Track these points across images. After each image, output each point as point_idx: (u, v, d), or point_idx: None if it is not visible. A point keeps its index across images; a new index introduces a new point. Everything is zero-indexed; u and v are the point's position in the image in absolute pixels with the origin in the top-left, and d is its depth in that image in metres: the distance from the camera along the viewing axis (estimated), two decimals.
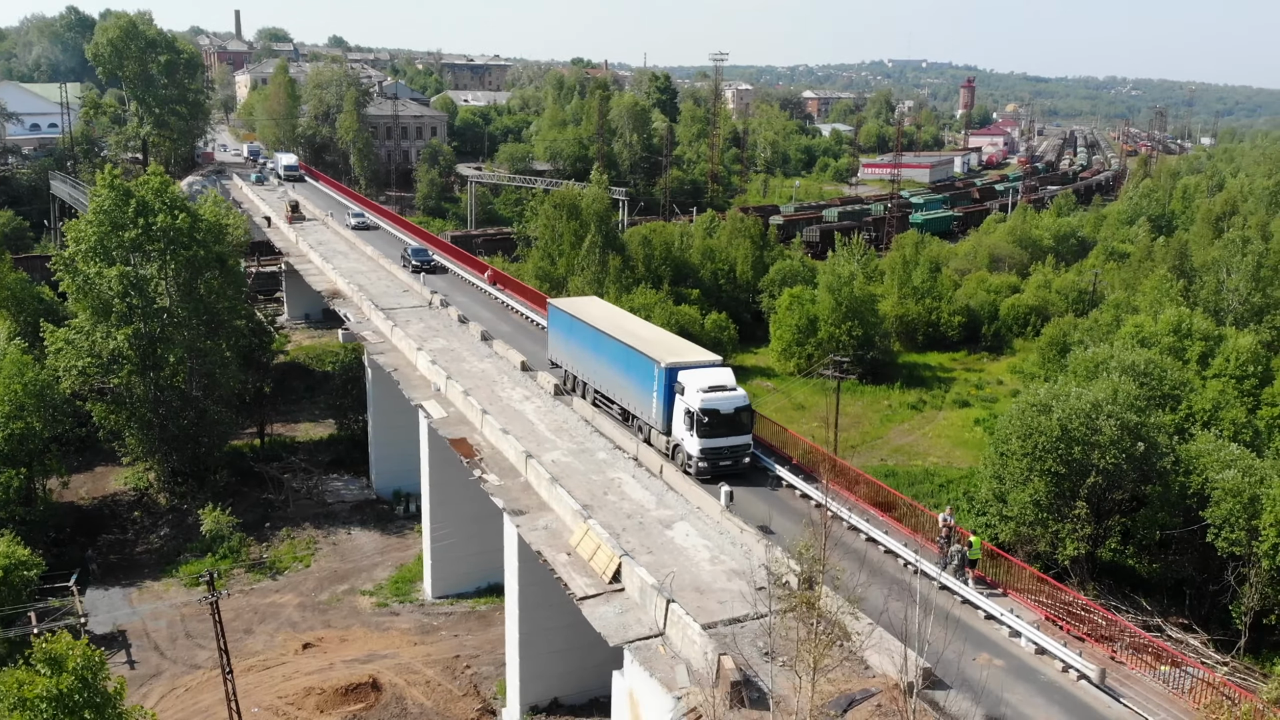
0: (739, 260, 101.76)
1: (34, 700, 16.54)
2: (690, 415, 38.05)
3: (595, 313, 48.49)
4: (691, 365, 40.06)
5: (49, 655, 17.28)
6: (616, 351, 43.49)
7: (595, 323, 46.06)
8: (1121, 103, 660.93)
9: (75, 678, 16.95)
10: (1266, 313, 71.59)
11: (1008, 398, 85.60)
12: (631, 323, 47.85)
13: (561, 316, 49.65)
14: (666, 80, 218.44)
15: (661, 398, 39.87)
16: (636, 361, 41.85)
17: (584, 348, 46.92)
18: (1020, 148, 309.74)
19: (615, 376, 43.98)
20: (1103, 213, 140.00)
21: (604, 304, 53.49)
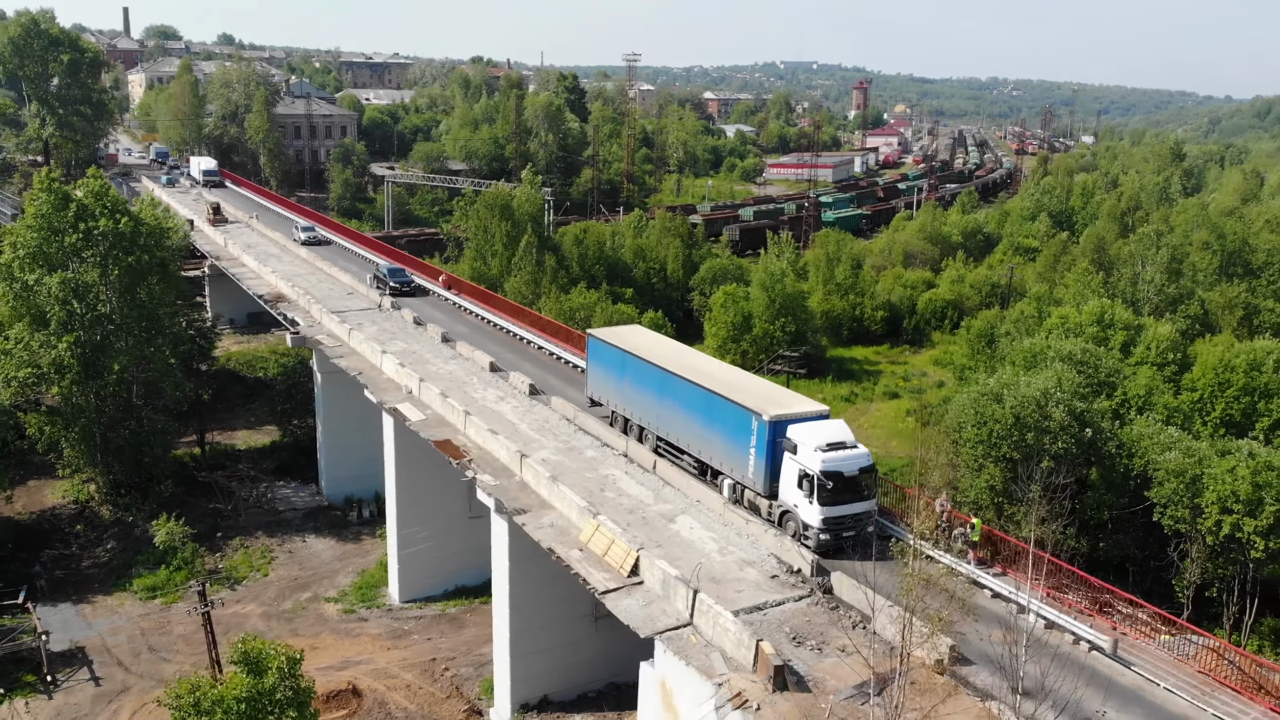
0: (670, 259, 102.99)
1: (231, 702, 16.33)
2: (808, 479, 32.52)
3: (651, 347, 42.87)
4: (800, 418, 34.50)
5: (246, 656, 17.01)
6: (693, 397, 37.71)
7: (659, 360, 40.23)
8: (1004, 103, 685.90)
9: (279, 676, 16.72)
10: (1180, 303, 75.80)
11: (934, 389, 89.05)
12: (701, 361, 41.87)
13: (607, 350, 43.69)
14: (574, 80, 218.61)
15: (763, 456, 34.17)
16: (725, 411, 35.99)
17: (642, 388, 40.99)
18: (914, 148, 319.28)
19: (691, 425, 38.12)
20: (1005, 209, 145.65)
21: (652, 334, 47.24)
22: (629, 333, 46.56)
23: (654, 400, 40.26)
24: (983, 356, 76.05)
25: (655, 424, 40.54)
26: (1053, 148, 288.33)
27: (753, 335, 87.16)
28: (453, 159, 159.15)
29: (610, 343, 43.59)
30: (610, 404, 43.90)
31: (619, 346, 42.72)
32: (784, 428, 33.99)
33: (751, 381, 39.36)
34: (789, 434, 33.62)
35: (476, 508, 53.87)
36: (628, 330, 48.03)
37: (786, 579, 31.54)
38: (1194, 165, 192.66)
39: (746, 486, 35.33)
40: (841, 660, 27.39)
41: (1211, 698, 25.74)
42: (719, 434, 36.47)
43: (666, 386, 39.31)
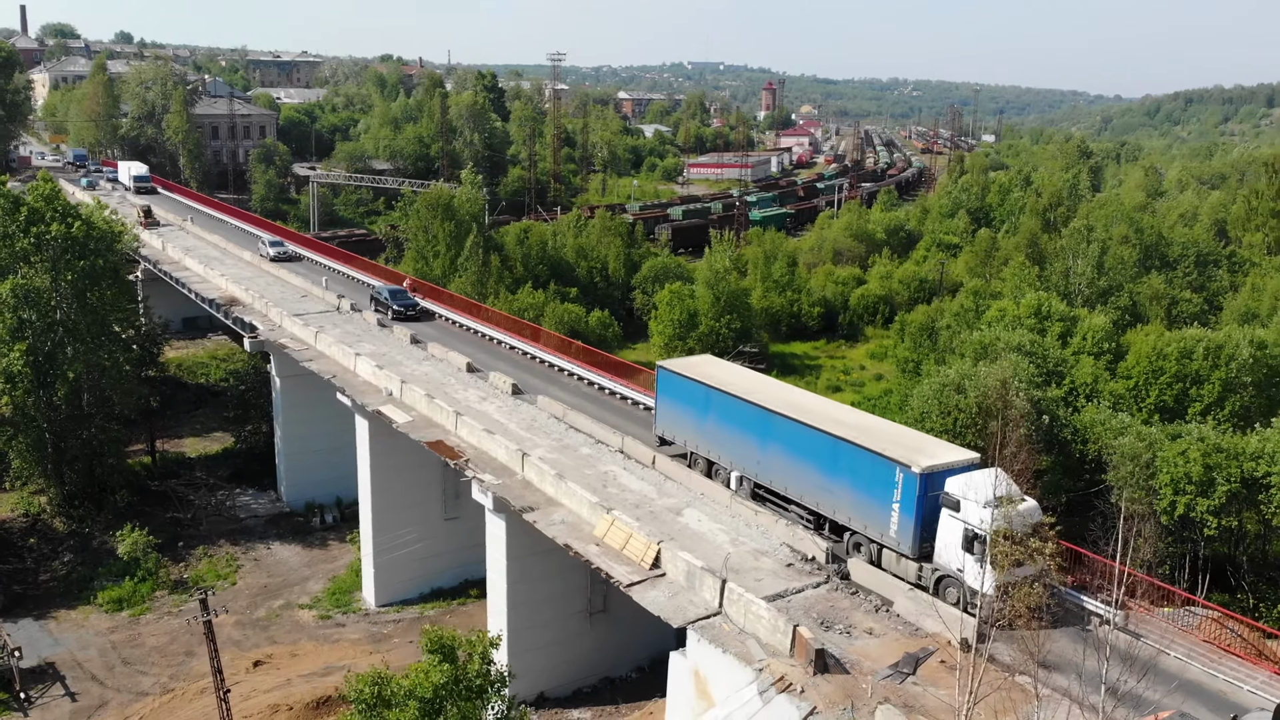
0: (611, 258, 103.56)
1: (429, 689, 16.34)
2: (980, 541, 28.70)
3: (740, 381, 38.87)
4: (954, 468, 30.71)
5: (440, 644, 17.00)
6: (809, 442, 33.68)
7: (758, 398, 36.26)
8: (905, 103, 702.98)
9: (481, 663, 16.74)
10: (1110, 295, 79.32)
11: (873, 381, 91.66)
12: (805, 398, 38.35)
13: (684, 385, 39.50)
14: (493, 79, 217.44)
15: (911, 512, 30.24)
16: (857, 460, 31.83)
17: (735, 429, 36.91)
18: (824, 147, 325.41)
19: (805, 474, 34.05)
20: (925, 207, 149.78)
21: (731, 365, 43.23)
22: (705, 364, 42.24)
23: (752, 443, 36.14)
24: (925, 349, 78.54)
25: (753, 469, 36.34)
26: (959, 147, 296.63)
27: (699, 333, 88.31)
28: (377, 159, 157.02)
29: (688, 376, 39.33)
30: (688, 444, 39.54)
31: (701, 381, 38.57)
32: (938, 480, 30.17)
33: (876, 423, 35.40)
34: (949, 488, 29.84)
35: (452, 509, 54.35)
36: (702, 361, 43.60)
37: (802, 567, 32.53)
38: (1095, 162, 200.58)
39: (886, 546, 30.82)
40: (872, 642, 28.48)
41: (1219, 664, 27.49)
42: (846, 486, 32.37)
43: (770, 428, 35.33)
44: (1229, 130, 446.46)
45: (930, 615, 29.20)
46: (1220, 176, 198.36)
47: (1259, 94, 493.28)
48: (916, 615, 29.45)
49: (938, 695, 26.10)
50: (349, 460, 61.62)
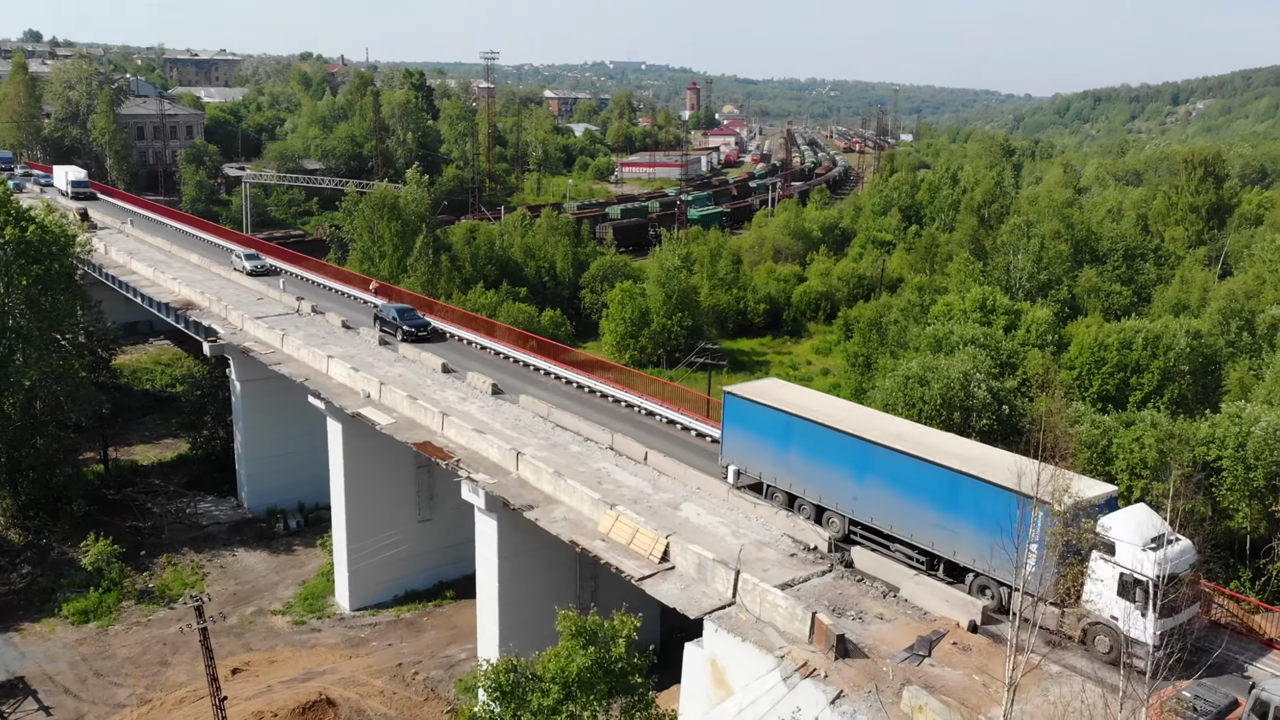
0: (558, 258, 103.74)
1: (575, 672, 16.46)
2: (1137, 586, 26.56)
3: (826, 409, 36.18)
4: (1098, 504, 29.12)
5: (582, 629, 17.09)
6: (920, 477, 31.11)
7: (852, 428, 33.51)
8: (823, 103, 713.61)
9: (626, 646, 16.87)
10: (1050, 288, 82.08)
11: (820, 376, 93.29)
12: (905, 427, 35.44)
13: (759, 412, 36.60)
14: (421, 77, 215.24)
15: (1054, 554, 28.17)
16: (981, 496, 29.49)
17: (825, 462, 34.24)
18: (750, 147, 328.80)
19: (916, 512, 31.43)
20: (858, 205, 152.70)
21: (804, 390, 40.77)
22: (777, 389, 39.23)
23: (847, 478, 33.47)
24: (874, 344, 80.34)
25: (848, 505, 33.71)
26: (880, 146, 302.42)
27: (650, 331, 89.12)
28: (309, 158, 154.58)
29: (765, 403, 36.42)
30: (765, 476, 36.67)
31: (781, 409, 35.73)
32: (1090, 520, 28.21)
33: (991, 453, 32.60)
34: (1103, 528, 27.92)
35: (425, 511, 54.23)
36: (772, 386, 40.30)
37: (805, 556, 33.37)
38: (1016, 160, 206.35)
39: (1019, 590, 27.03)
40: (884, 627, 29.42)
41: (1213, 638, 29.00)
42: (969, 525, 29.88)
43: (871, 462, 32.70)
44: (1136, 128, 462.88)
45: (936, 599, 30.24)
46: (1134, 173, 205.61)
47: (1164, 92, 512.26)
48: (923, 600, 30.47)
49: (955, 675, 27.10)
50: (313, 464, 61.11)
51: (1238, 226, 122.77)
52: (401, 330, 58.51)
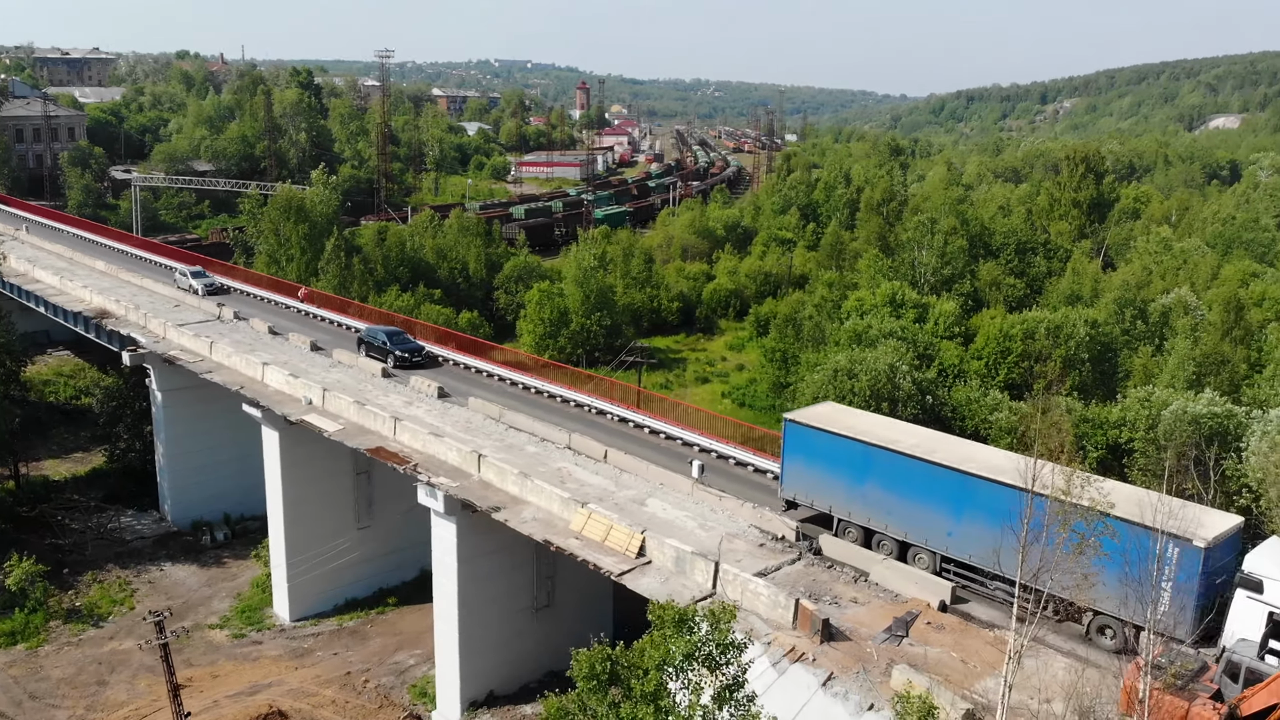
0: (471, 259, 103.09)
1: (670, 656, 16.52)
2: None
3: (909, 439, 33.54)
4: (1229, 537, 27.55)
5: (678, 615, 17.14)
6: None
7: (944, 459, 31.18)
8: (708, 103, 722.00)
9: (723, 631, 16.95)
10: (953, 282, 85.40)
11: (736, 372, 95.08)
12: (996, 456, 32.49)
13: (826, 441, 34.07)
14: (309, 75, 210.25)
15: (1192, 593, 26.63)
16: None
17: (911, 495, 31.98)
18: (643, 146, 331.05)
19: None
20: (758, 204, 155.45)
21: (863, 414, 38.39)
22: (841, 414, 36.78)
23: (941, 513, 31.30)
24: (790, 339, 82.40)
25: (941, 542, 31.57)
26: (767, 146, 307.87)
27: (570, 330, 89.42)
28: (198, 160, 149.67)
29: (835, 432, 33.92)
30: (836, 510, 34.23)
31: (856, 438, 33.41)
32: (1219, 555, 26.82)
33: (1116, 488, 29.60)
34: (1250, 565, 26.33)
35: (364, 518, 53.65)
36: (833, 411, 37.66)
37: (774, 546, 34.44)
38: (904, 159, 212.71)
39: (1141, 627, 25.48)
40: (860, 610, 30.66)
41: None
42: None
43: (970, 496, 30.41)
44: (1007, 126, 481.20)
45: (906, 582, 31.62)
46: (1013, 170, 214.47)
47: (1033, 91, 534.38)
48: (893, 583, 31.82)
49: (934, 653, 28.45)
50: (239, 475, 60.10)
51: (1117, 220, 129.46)
52: (393, 356, 53.84)
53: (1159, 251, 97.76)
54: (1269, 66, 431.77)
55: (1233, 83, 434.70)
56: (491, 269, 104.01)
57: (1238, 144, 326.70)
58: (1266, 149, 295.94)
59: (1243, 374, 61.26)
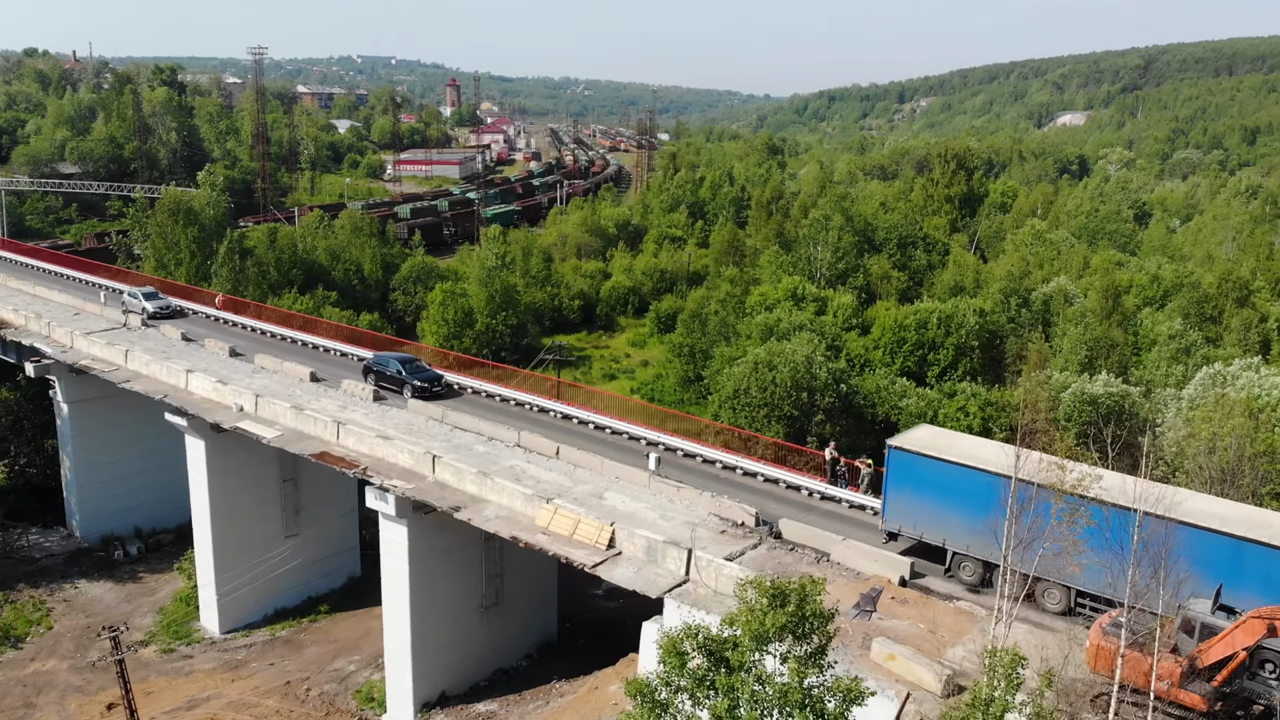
0: (366, 260, 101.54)
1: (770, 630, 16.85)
2: None
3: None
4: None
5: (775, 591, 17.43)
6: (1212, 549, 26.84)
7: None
8: (578, 101, 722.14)
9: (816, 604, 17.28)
10: (848, 276, 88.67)
11: (641, 368, 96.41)
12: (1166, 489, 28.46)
13: (947, 471, 31.60)
14: (173, 73, 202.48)
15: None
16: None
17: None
18: (519, 144, 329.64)
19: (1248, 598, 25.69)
20: (647, 202, 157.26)
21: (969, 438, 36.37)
22: (948, 440, 34.24)
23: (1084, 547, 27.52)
24: (696, 334, 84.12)
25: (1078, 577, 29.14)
26: (645, 145, 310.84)
27: (475, 331, 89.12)
28: (63, 162, 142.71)
29: (960, 463, 31.12)
30: (953, 544, 32.05)
31: (980, 468, 30.83)
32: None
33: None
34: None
35: (292, 526, 52.82)
36: (935, 436, 35.12)
37: (735, 532, 35.70)
38: (781, 159, 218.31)
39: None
40: (828, 588, 32.11)
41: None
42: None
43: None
44: (868, 125, 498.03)
45: (866, 560, 33.32)
46: (880, 168, 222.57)
47: (891, 91, 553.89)
48: (854, 561, 33.47)
49: (903, 625, 30.16)
50: (151, 487, 58.62)
51: (988, 214, 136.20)
52: (410, 386, 49.56)
53: (1034, 243, 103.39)
54: (1111, 65, 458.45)
55: (1077, 81, 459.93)
56: (387, 270, 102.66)
57: (1084, 140, 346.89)
58: (1112, 144, 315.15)
59: (1129, 356, 65.73)
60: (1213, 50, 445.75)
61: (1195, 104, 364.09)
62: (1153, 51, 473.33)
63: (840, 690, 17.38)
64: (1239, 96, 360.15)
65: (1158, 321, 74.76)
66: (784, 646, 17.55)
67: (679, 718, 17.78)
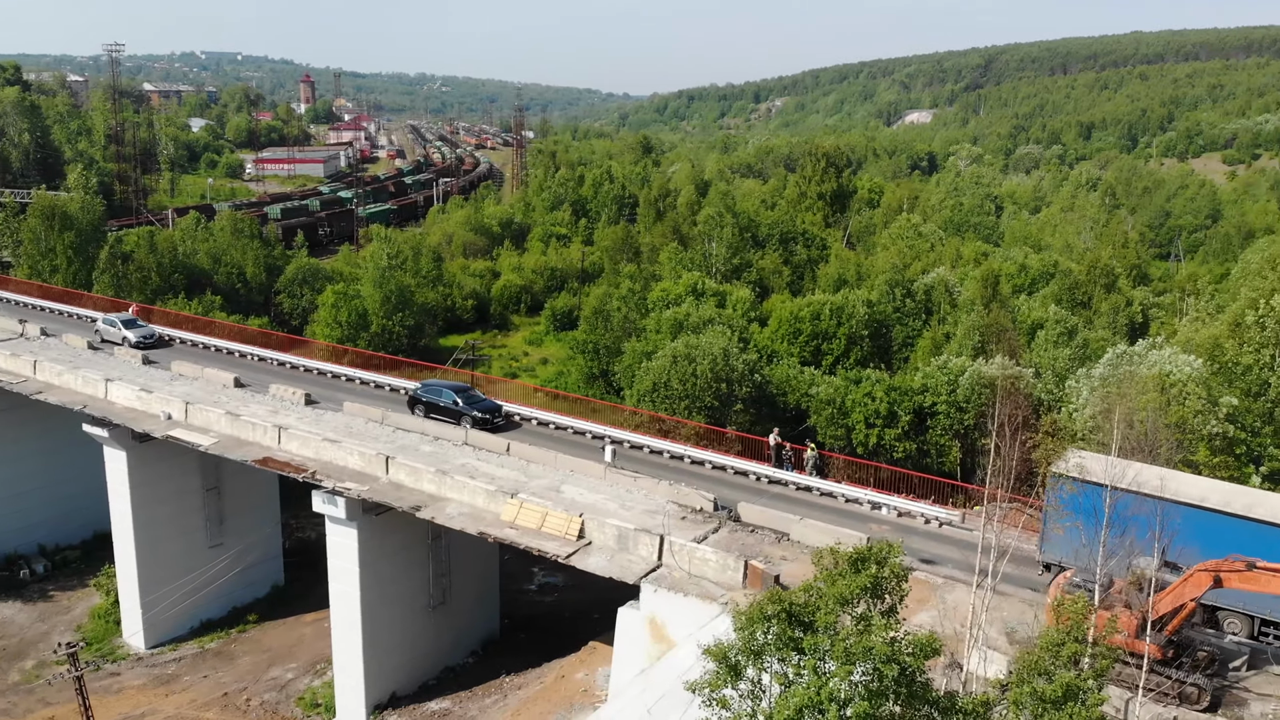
0: (249, 263, 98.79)
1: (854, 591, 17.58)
2: None
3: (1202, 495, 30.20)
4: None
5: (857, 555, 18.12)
6: None
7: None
8: (436, 98, 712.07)
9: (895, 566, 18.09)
10: (742, 271, 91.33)
11: (541, 366, 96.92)
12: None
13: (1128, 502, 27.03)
14: (17, 71, 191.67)
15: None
16: None
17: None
18: (379, 142, 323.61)
19: None
20: (529, 200, 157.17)
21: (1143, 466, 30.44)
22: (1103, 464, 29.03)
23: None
24: (602, 331, 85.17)
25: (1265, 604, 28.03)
26: (511, 143, 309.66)
27: (371, 333, 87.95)
28: None
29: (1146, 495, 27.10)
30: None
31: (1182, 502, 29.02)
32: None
33: None
34: None
35: (215, 536, 51.71)
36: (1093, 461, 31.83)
37: (695, 517, 37.08)
38: (654, 157, 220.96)
39: None
40: (791, 565, 33.85)
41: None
42: None
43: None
44: (726, 124, 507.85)
45: (823, 536, 35.11)
46: (747, 166, 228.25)
47: (747, 91, 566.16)
48: (812, 539, 35.24)
49: None
50: (51, 502, 56.80)
51: (858, 210, 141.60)
52: (470, 418, 45.60)
53: (910, 236, 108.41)
54: (954, 65, 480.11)
55: (923, 80, 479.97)
56: (271, 272, 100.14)
57: (932, 136, 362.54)
58: (959, 141, 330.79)
59: (1018, 341, 70.04)
60: (1048, 50, 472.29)
61: (1033, 101, 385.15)
62: (992, 51, 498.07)
63: (918, 644, 18.92)
64: (1074, 94, 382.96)
65: (1033, 308, 79.76)
66: (861, 607, 18.98)
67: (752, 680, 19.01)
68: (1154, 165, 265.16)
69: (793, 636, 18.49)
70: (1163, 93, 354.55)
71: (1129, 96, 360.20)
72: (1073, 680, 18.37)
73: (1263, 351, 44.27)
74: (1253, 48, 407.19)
